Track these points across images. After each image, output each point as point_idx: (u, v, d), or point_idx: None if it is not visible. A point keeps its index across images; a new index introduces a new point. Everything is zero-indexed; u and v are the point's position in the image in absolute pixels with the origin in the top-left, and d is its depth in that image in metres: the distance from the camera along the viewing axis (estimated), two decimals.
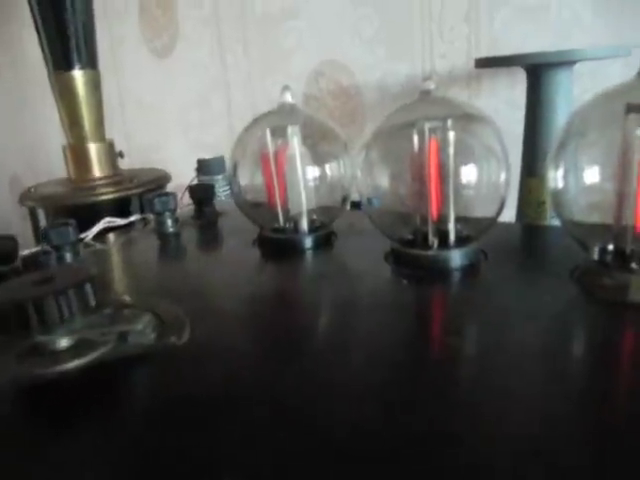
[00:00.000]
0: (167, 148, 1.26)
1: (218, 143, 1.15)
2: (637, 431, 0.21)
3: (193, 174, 0.90)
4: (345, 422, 0.23)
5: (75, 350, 0.29)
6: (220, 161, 0.89)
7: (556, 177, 0.34)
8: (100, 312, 0.30)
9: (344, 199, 0.47)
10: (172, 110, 1.22)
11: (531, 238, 0.45)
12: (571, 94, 0.63)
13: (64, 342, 0.29)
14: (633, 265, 0.31)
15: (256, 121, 0.46)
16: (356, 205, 0.71)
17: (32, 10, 0.81)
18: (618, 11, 0.69)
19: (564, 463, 0.19)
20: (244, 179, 0.46)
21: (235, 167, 0.46)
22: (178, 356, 0.29)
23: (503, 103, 0.80)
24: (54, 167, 1.46)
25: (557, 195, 0.34)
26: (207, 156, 0.90)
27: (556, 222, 0.64)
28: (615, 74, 0.70)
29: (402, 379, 0.26)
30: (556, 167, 0.34)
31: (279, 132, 0.43)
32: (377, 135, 0.39)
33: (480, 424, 0.22)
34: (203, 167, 0.89)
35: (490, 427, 0.22)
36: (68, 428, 0.24)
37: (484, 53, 0.79)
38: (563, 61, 0.61)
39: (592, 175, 0.33)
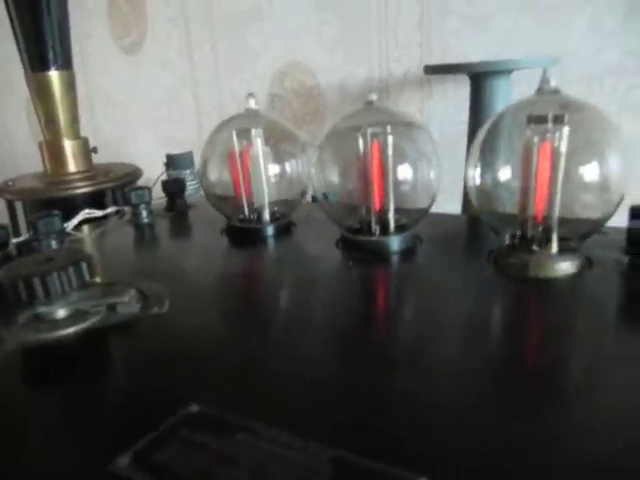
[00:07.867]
0: (135, 144, 1.29)
1: (186, 139, 1.19)
2: (533, 379, 0.28)
3: (162, 169, 0.94)
4: (306, 366, 0.29)
5: (71, 319, 0.35)
6: (188, 156, 0.92)
7: (474, 175, 0.41)
8: (91, 287, 0.36)
9: (303, 193, 0.54)
10: (141, 106, 1.25)
11: (460, 227, 0.52)
12: (509, 100, 0.71)
13: (62, 312, 0.35)
14: (533, 247, 0.39)
15: (224, 124, 0.52)
16: (315, 199, 0.77)
17: (8, 11, 0.84)
18: (552, 21, 0.76)
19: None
20: (213, 175, 0.52)
21: (205, 164, 0.52)
22: (161, 322, 0.35)
23: (452, 106, 0.87)
24: (20, 162, 1.48)
25: (475, 190, 0.42)
26: (175, 151, 0.94)
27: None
28: None
29: (351, 339, 0.32)
30: (474, 166, 0.41)
31: (244, 134, 0.49)
32: (328, 138, 0.46)
33: (415, 362, 0.29)
34: (172, 162, 0.92)
35: (420, 363, 0.29)
36: (66, 383, 0.30)
37: (435, 59, 0.86)
38: (501, 69, 0.68)
39: (502, 174, 0.40)
